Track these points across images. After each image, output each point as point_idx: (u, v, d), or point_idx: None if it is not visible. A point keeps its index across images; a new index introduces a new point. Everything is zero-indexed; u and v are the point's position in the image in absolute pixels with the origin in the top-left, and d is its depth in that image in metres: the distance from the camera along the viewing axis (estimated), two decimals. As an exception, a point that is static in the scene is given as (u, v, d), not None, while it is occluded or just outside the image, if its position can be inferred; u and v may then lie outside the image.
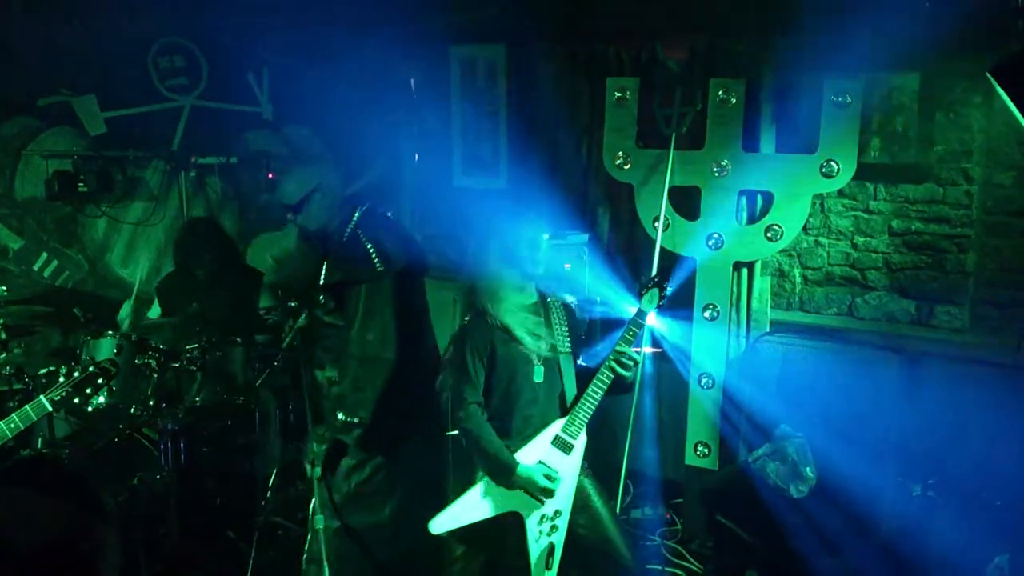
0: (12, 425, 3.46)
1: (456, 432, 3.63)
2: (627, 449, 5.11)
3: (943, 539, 4.15)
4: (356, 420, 3.91)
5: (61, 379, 3.57)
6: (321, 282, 3.90)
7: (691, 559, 4.86)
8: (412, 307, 4.08)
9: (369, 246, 3.83)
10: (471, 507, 3.56)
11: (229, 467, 4.92)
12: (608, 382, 3.54)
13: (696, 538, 5.00)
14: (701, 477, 4.98)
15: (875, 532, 4.43)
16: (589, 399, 3.54)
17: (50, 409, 3.53)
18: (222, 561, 4.66)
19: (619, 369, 3.53)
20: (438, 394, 3.96)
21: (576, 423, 3.55)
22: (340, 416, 3.91)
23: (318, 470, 3.76)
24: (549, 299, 3.71)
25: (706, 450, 4.94)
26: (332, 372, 4.05)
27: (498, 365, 3.55)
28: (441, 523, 3.54)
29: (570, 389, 3.63)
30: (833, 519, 4.45)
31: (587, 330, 4.13)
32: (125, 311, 5.41)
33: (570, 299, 3.81)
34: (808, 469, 4.48)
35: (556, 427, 3.57)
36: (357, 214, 3.98)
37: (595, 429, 3.66)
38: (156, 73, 5.97)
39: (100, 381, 3.58)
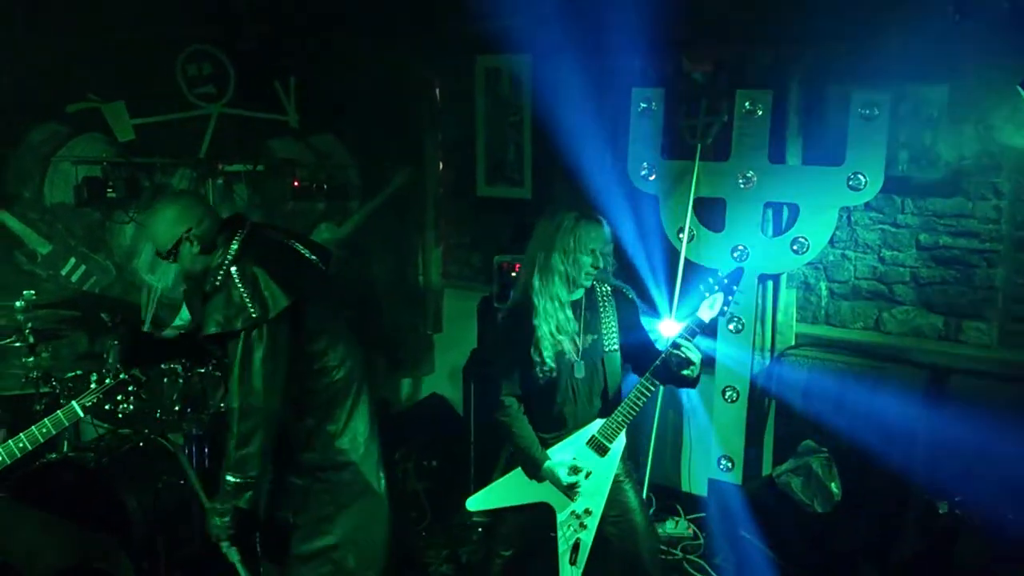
0: (44, 429, 3.50)
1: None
2: (650, 461, 5.09)
3: (970, 557, 4.11)
4: (248, 480, 3.53)
5: (93, 386, 3.58)
6: (203, 333, 3.59)
7: (713, 574, 4.82)
8: (309, 333, 3.69)
9: (242, 289, 3.49)
10: (507, 491, 3.65)
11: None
12: (654, 388, 3.49)
13: (719, 553, 4.95)
14: (724, 491, 4.94)
15: (901, 550, 4.39)
16: (630, 404, 3.49)
17: (81, 415, 3.55)
18: (244, 566, 4.67)
19: (672, 366, 3.44)
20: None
21: (614, 426, 3.52)
22: (229, 478, 3.53)
23: (233, 554, 3.64)
24: (599, 290, 3.62)
25: (729, 464, 4.91)
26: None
27: (529, 362, 3.52)
28: (478, 501, 3.69)
29: (613, 387, 3.60)
30: (858, 536, 4.41)
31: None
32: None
33: (622, 286, 3.70)
34: (833, 485, 4.44)
35: (594, 427, 3.56)
36: (236, 243, 3.60)
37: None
38: (184, 81, 6.01)
39: (131, 389, 3.60)
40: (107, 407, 3.58)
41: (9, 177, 5.70)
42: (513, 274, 5.28)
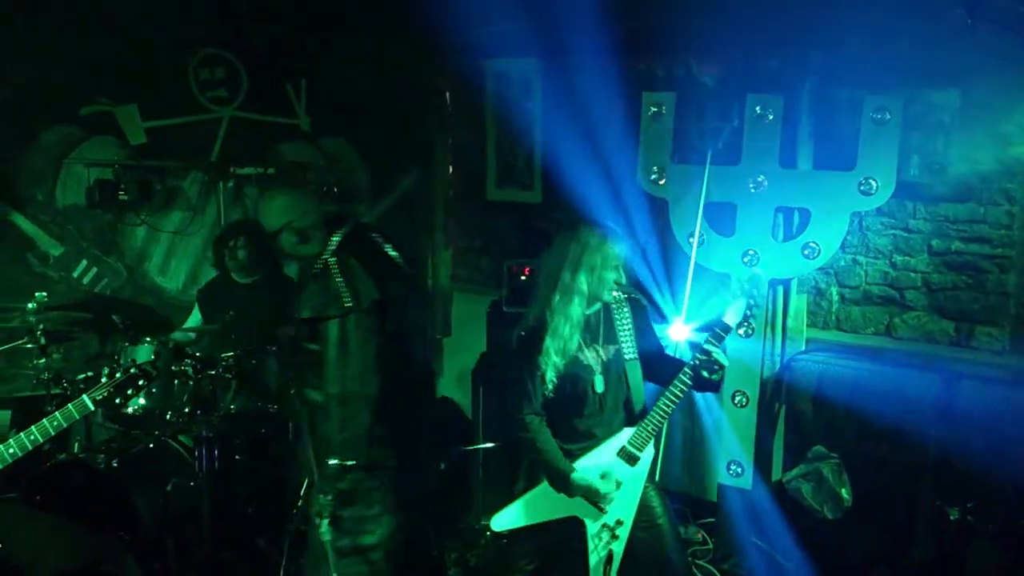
0: (55, 423, 3.52)
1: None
2: (659, 466, 5.08)
3: (981, 563, 4.09)
4: (350, 463, 3.77)
5: (104, 379, 3.61)
6: (297, 316, 3.83)
7: (723, 579, 4.82)
8: (392, 337, 3.90)
9: (339, 280, 3.74)
10: (533, 508, 3.59)
11: (262, 475, 4.94)
12: (681, 396, 3.48)
13: (729, 558, 4.94)
14: (734, 497, 4.93)
15: (911, 555, 4.37)
16: (659, 411, 3.48)
17: (92, 408, 3.58)
18: (253, 568, 4.68)
19: (703, 371, 3.44)
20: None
21: (644, 434, 3.51)
22: (332, 461, 3.76)
23: (327, 528, 3.69)
24: (614, 301, 3.61)
25: (739, 469, 4.89)
26: (319, 396, 3.98)
27: (556, 375, 3.51)
28: (502, 520, 3.60)
29: (637, 397, 3.59)
30: (868, 542, 4.40)
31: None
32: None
33: (635, 294, 3.69)
34: (843, 491, 4.43)
35: (623, 437, 3.54)
36: (336, 238, 3.88)
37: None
38: (197, 84, 6.04)
39: (141, 383, 3.63)
40: (117, 400, 3.60)
41: (22, 179, 5.74)
42: (523, 277, 5.28)
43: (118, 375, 3.60)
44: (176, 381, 4.76)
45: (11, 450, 3.50)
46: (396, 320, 3.90)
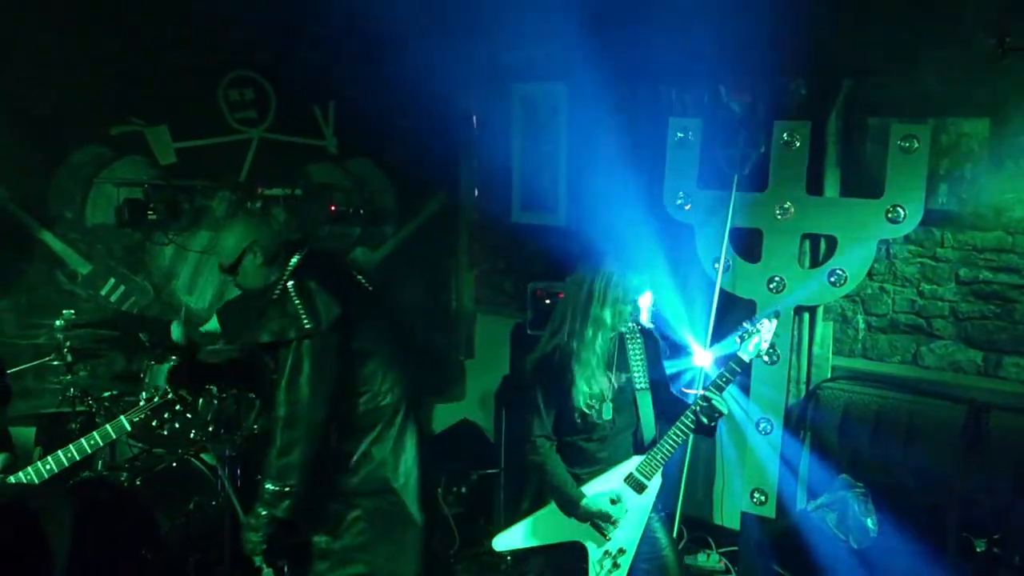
0: (92, 441, 3.58)
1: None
2: (681, 493, 5.05)
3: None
4: (287, 489, 3.60)
5: (141, 403, 3.66)
6: (256, 341, 3.73)
7: (745, 608, 4.77)
8: (357, 354, 3.79)
9: (297, 301, 3.65)
10: (536, 530, 3.61)
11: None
12: (692, 427, 3.50)
13: (751, 587, 4.90)
14: (758, 525, 4.89)
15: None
16: (669, 441, 3.51)
17: (128, 429, 3.65)
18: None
19: (703, 418, 3.48)
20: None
21: (652, 463, 3.53)
22: (268, 486, 3.62)
23: (264, 564, 3.65)
24: (627, 331, 3.64)
25: (763, 497, 4.85)
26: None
27: (568, 401, 3.53)
28: (505, 541, 3.63)
29: (647, 426, 3.60)
30: (894, 573, 4.35)
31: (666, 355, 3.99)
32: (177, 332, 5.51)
33: (649, 325, 3.71)
34: (869, 520, 4.38)
35: (631, 464, 3.55)
36: (295, 260, 3.80)
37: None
38: (226, 105, 6.11)
39: (177, 408, 3.67)
40: (153, 423, 3.65)
41: (51, 198, 5.80)
42: (547, 301, 5.28)
43: (155, 399, 3.65)
44: (200, 400, 4.79)
45: (48, 466, 3.55)
46: (367, 339, 3.81)
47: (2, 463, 3.52)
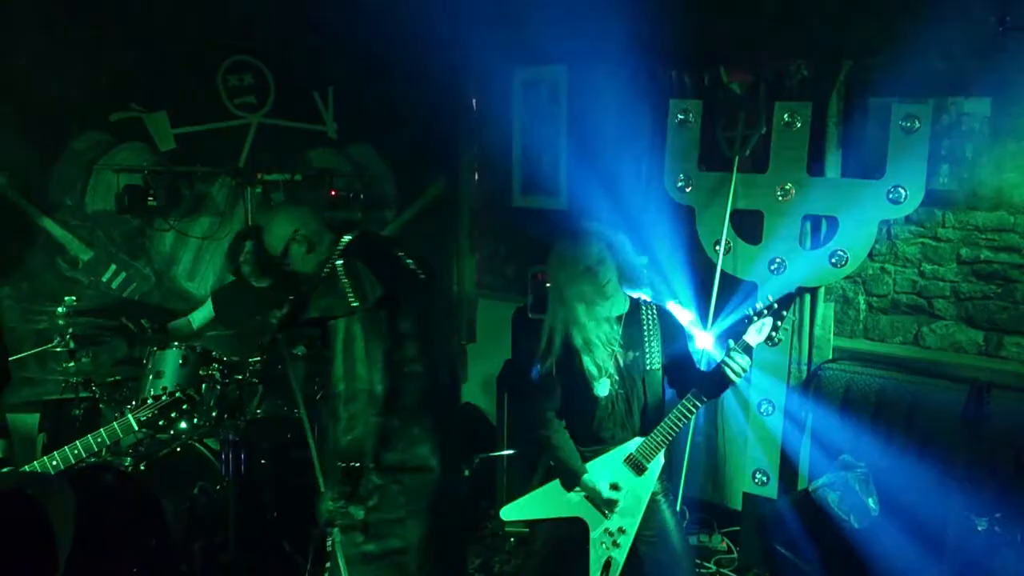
0: (99, 439, 3.61)
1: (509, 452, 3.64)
2: (684, 474, 5.06)
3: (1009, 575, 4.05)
4: (357, 464, 3.78)
5: (150, 401, 3.71)
6: (306, 316, 3.88)
7: (748, 589, 4.80)
8: (400, 336, 3.88)
9: (346, 281, 3.79)
10: (541, 503, 3.66)
11: (287, 479, 4.96)
12: (694, 412, 3.48)
13: (753, 567, 4.92)
14: (759, 505, 4.91)
15: (938, 566, 4.33)
16: (669, 425, 3.49)
17: (136, 429, 3.69)
18: (278, 572, 4.70)
19: (698, 402, 3.48)
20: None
21: (652, 445, 3.53)
22: (340, 464, 3.78)
23: (337, 536, 3.70)
24: (644, 308, 3.62)
25: (765, 478, 4.87)
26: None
27: (568, 377, 3.55)
28: (511, 511, 3.72)
29: (654, 406, 3.60)
30: (895, 552, 4.36)
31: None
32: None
33: (679, 311, 3.71)
34: (870, 500, 4.39)
35: (632, 446, 3.56)
36: (345, 240, 3.95)
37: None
38: (225, 91, 6.10)
39: (184, 407, 3.72)
40: (160, 423, 3.68)
41: (52, 184, 5.80)
42: (548, 285, 5.27)
43: (164, 398, 3.68)
44: (204, 385, 4.80)
45: (54, 462, 3.57)
46: (411, 322, 3.91)
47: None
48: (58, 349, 4.88)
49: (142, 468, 4.59)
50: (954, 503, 4.28)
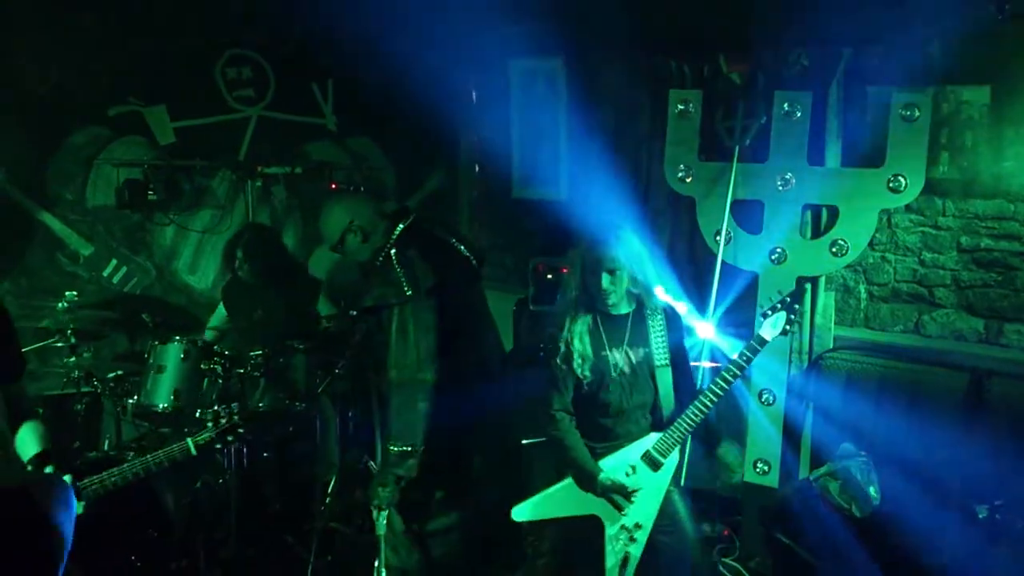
0: (157, 460, 3.53)
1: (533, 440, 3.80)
2: (686, 463, 5.07)
3: (1009, 563, 4.06)
4: (408, 448, 3.79)
5: (209, 424, 3.70)
6: (360, 305, 3.98)
7: (749, 577, 4.81)
8: (453, 324, 3.93)
9: (399, 270, 3.84)
10: (555, 502, 3.64)
11: (289, 473, 4.98)
12: (710, 407, 3.51)
13: (755, 556, 4.93)
14: (761, 494, 4.91)
15: (939, 554, 4.34)
16: (686, 421, 3.52)
17: (194, 454, 3.60)
18: (280, 566, 4.71)
19: (714, 397, 3.51)
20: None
21: (669, 441, 3.55)
22: (392, 448, 3.81)
23: (382, 522, 3.70)
24: (648, 308, 3.64)
25: (766, 467, 4.88)
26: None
27: (575, 373, 3.56)
28: (523, 511, 3.66)
29: (666, 402, 3.61)
30: (896, 540, 4.37)
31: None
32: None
33: (675, 303, 3.73)
34: (871, 489, 4.40)
35: (648, 441, 3.58)
36: (399, 228, 3.97)
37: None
38: (224, 84, 6.09)
39: (240, 431, 3.72)
40: (217, 446, 3.68)
41: (51, 179, 5.80)
42: (549, 276, 5.29)
43: (223, 421, 3.68)
44: (205, 379, 4.81)
45: (112, 479, 3.51)
46: (462, 308, 3.99)
47: (36, 444, 3.39)
48: (59, 344, 4.88)
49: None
50: (955, 491, 4.29)
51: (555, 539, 3.74)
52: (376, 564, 3.72)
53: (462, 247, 4.15)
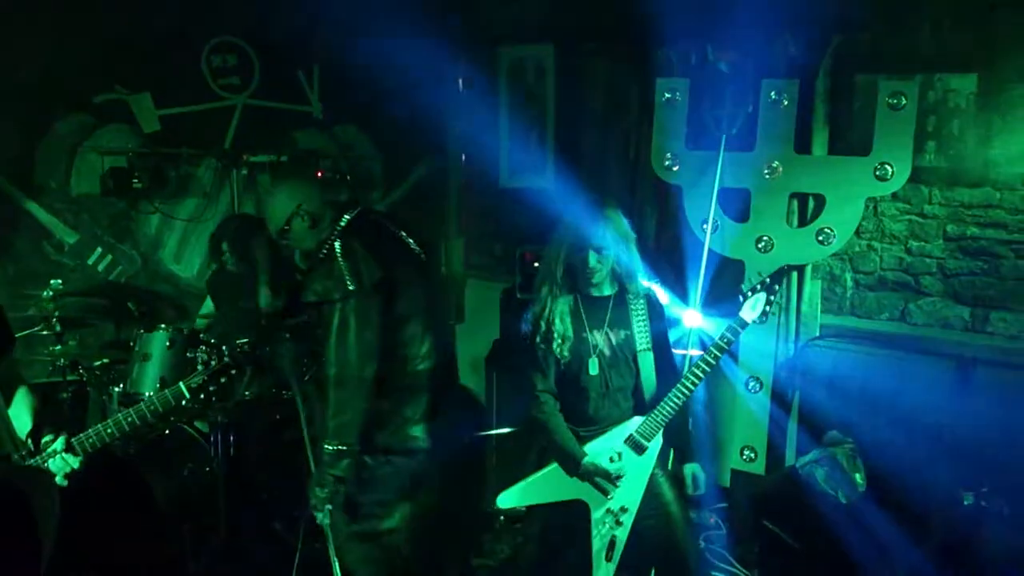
0: (152, 407, 3.49)
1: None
2: (672, 452, 5.08)
3: (995, 548, 4.08)
4: (344, 448, 3.65)
5: (199, 367, 3.63)
6: (302, 300, 3.78)
7: (736, 565, 4.82)
8: (400, 320, 3.82)
9: (343, 263, 3.68)
10: (540, 488, 3.63)
11: (277, 460, 4.97)
12: (692, 390, 3.52)
13: (741, 543, 4.95)
14: (748, 482, 4.93)
15: (925, 540, 4.37)
16: (669, 404, 3.52)
17: (188, 396, 3.52)
18: (269, 553, 4.70)
19: (696, 380, 3.52)
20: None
21: (652, 425, 3.55)
22: (327, 447, 3.66)
23: (327, 522, 3.69)
24: (629, 293, 3.64)
25: (753, 455, 4.90)
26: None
27: (561, 356, 3.56)
28: (509, 498, 3.64)
29: (647, 386, 3.62)
30: (883, 526, 4.40)
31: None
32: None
33: (651, 287, 3.72)
34: (858, 475, 4.42)
35: (632, 425, 3.58)
36: (345, 220, 3.82)
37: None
38: (209, 72, 6.05)
39: (233, 372, 3.64)
40: (211, 388, 3.60)
41: (36, 168, 5.77)
42: (536, 264, 5.27)
43: (213, 364, 3.63)
44: (191, 367, 4.78)
45: (109, 430, 3.47)
46: (408, 304, 3.84)
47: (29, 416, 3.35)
48: (44, 332, 4.86)
49: (132, 451, 4.59)
50: (941, 477, 4.31)
51: (542, 523, 3.73)
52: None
53: (411, 240, 4.00)
